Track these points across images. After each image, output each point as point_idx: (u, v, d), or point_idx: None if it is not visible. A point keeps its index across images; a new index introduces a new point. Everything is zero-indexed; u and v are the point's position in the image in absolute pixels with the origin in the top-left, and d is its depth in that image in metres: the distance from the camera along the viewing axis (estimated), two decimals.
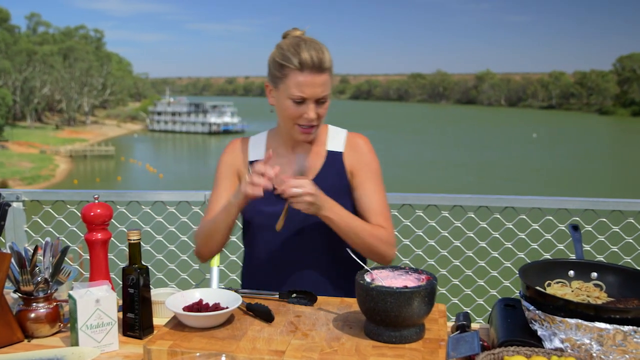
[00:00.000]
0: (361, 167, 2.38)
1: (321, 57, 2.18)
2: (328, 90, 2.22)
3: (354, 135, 2.44)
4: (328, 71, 2.21)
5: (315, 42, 2.23)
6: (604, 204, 3.33)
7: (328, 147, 2.40)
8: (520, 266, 2.01)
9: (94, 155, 64.97)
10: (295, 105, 2.21)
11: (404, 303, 1.76)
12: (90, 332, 1.89)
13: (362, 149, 2.40)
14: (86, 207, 2.18)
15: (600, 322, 1.68)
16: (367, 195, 2.37)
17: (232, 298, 2.02)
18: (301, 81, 2.18)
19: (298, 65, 2.17)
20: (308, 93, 2.18)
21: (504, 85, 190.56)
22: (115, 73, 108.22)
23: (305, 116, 2.21)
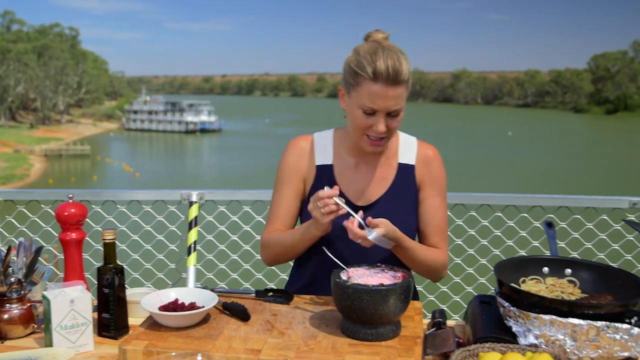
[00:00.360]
0: (430, 182, 2.31)
1: (398, 69, 2.04)
2: (402, 103, 2.09)
3: (424, 146, 2.35)
4: (404, 84, 2.08)
5: (394, 50, 2.09)
6: (578, 201, 3.37)
7: (400, 159, 2.31)
8: (496, 263, 2.02)
9: (69, 155, 64.31)
10: (366, 115, 2.10)
11: (380, 301, 1.76)
12: (64, 333, 1.87)
13: (433, 162, 2.32)
14: (60, 207, 2.16)
15: (574, 318, 1.70)
16: (430, 212, 2.32)
17: (208, 297, 2.01)
18: (374, 92, 2.05)
19: (372, 76, 2.05)
20: (380, 105, 2.06)
21: (480, 84, 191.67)
22: (90, 71, 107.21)
23: (374, 128, 2.10)
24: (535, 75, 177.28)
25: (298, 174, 2.33)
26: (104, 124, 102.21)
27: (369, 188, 2.27)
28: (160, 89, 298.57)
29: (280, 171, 2.36)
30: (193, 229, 3.33)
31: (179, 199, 3.43)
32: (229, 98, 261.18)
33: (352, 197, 2.27)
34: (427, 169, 2.32)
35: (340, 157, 2.31)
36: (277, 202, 2.35)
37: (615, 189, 36.91)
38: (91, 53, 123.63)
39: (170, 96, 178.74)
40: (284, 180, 2.34)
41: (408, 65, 2.09)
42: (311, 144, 2.35)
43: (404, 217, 2.26)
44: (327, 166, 2.30)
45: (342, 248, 2.20)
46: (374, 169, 2.29)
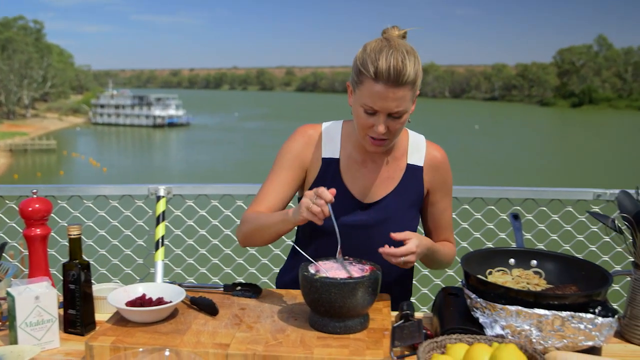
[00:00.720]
0: (440, 186, 2.31)
1: (400, 70, 1.95)
2: (405, 105, 2.02)
3: (433, 147, 2.31)
4: (408, 85, 1.99)
5: (401, 50, 1.99)
6: (543, 193, 3.41)
7: (409, 159, 2.27)
8: (463, 255, 2.04)
9: (34, 149, 63.40)
10: (367, 115, 2.05)
11: (348, 294, 1.77)
12: (29, 330, 1.85)
13: (442, 166, 2.30)
14: (24, 202, 2.13)
15: (539, 308, 1.72)
16: (440, 213, 2.35)
17: (175, 292, 2.00)
18: (375, 92, 1.99)
19: (373, 75, 1.98)
20: (380, 106, 2.00)
21: (448, 77, 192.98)
22: (56, 65, 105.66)
23: (374, 128, 2.05)
24: (502, 69, 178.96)
25: (300, 162, 2.26)
26: (70, 119, 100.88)
27: (375, 186, 2.24)
28: (127, 83, 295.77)
29: (282, 155, 2.28)
30: (161, 223, 3.30)
31: (147, 193, 3.40)
32: (197, 92, 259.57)
33: (356, 194, 2.23)
34: (437, 172, 2.30)
35: (348, 152, 2.26)
36: (270, 183, 2.27)
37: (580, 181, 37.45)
38: (56, 46, 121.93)
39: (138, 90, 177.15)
40: (283, 164, 2.26)
41: (415, 65, 2.00)
42: (319, 134, 2.28)
43: (407, 217, 2.26)
44: (334, 160, 2.25)
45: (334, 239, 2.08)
46: (381, 167, 2.25)
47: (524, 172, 44.14)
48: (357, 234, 2.19)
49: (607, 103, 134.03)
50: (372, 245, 2.12)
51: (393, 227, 2.16)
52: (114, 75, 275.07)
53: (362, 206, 2.23)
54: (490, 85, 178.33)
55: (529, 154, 55.95)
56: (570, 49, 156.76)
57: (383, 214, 2.22)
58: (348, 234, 2.13)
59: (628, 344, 1.97)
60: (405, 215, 2.26)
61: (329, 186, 2.14)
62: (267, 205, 2.24)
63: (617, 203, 2.03)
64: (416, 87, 2.05)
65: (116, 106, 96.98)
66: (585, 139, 69.54)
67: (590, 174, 42.34)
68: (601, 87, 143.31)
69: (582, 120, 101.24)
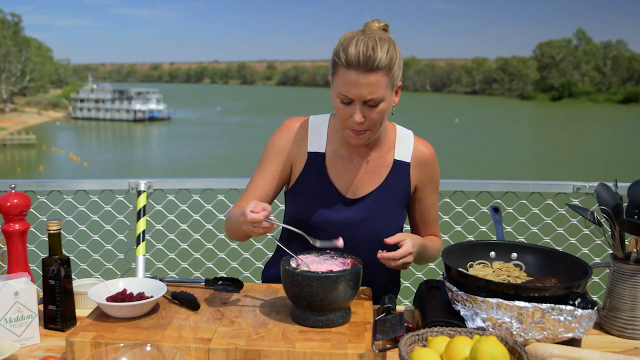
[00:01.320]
0: (428, 183, 2.29)
1: (370, 55, 1.93)
2: (379, 93, 1.98)
3: (421, 143, 2.28)
4: (381, 71, 1.96)
5: (374, 37, 1.98)
6: (523, 186, 3.42)
7: (396, 155, 2.24)
8: (444, 248, 2.05)
9: (13, 144, 62.81)
10: (344, 105, 2.03)
11: (329, 287, 1.77)
12: (9, 326, 1.84)
13: (429, 162, 2.27)
14: (2, 197, 2.12)
15: (519, 301, 1.73)
16: (428, 209, 2.34)
17: (157, 287, 1.99)
18: (347, 80, 1.98)
19: (345, 63, 1.98)
20: (353, 93, 1.98)
21: (429, 71, 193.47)
22: (34, 59, 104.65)
23: (352, 119, 2.02)
24: (483, 63, 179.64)
25: (285, 155, 2.24)
26: (49, 113, 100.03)
27: (361, 182, 2.22)
28: (107, 77, 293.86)
29: (268, 149, 2.26)
30: (142, 218, 3.28)
31: (127, 188, 3.38)
32: (178, 86, 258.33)
33: (341, 189, 2.21)
34: (425, 169, 2.27)
35: (333, 146, 2.23)
36: (256, 178, 2.26)
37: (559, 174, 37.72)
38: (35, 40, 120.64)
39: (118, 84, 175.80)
40: (269, 158, 2.25)
41: (390, 52, 1.98)
42: (306, 128, 2.25)
43: (392, 213, 2.24)
44: (319, 154, 2.22)
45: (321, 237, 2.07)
46: (368, 162, 2.22)
47: (504, 165, 44.39)
48: (342, 230, 2.12)
49: (587, 97, 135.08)
50: (358, 243, 2.13)
51: (379, 224, 2.18)
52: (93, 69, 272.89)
53: (347, 202, 2.20)
54: (471, 79, 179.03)
55: (510, 147, 56.26)
56: (550, 43, 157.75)
57: (369, 211, 2.20)
58: (332, 231, 2.11)
59: (607, 335, 1.99)
60: (391, 211, 2.23)
61: (314, 181, 2.17)
62: (249, 199, 2.20)
63: (596, 196, 2.05)
64: (393, 76, 2.02)
65: (96, 100, 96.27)
66: (565, 132, 70.07)
67: (570, 167, 42.67)
68: (580, 81, 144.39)
69: (561, 113, 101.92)
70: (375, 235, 2.13)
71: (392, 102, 2.08)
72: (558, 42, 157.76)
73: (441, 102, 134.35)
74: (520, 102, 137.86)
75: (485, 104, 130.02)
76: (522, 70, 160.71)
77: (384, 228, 2.16)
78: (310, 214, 2.19)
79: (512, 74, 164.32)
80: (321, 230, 2.16)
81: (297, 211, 2.23)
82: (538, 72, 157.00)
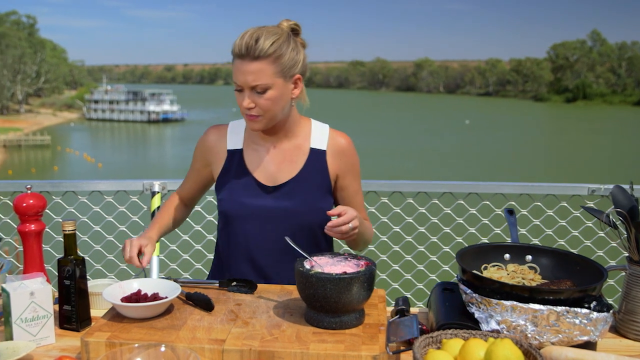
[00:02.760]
0: (348, 170, 2.38)
1: (252, 44, 2.09)
2: (264, 80, 2.12)
3: (336, 133, 2.39)
4: (265, 59, 2.10)
5: (264, 30, 2.14)
6: (538, 188, 3.41)
7: (311, 144, 2.35)
8: (458, 250, 2.04)
9: (29, 145, 63.22)
10: (238, 93, 2.18)
11: (343, 289, 1.77)
12: (25, 326, 1.85)
13: (346, 151, 2.37)
14: (18, 198, 2.13)
15: (534, 303, 1.72)
16: (352, 196, 2.42)
17: (171, 288, 2.00)
18: (235, 68, 2.15)
19: (233, 52, 2.15)
20: (240, 80, 2.13)
21: (443, 73, 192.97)
22: (49, 60, 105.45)
23: (242, 104, 2.18)
24: (496, 64, 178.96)
25: (203, 160, 2.44)
26: (64, 114, 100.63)
27: (279, 170, 2.33)
28: (121, 78, 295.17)
29: (193, 154, 2.49)
30: None
31: (141, 189, 3.40)
32: (192, 87, 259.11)
33: (261, 179, 2.32)
34: (343, 157, 2.37)
35: (252, 142, 2.38)
36: (185, 179, 2.56)
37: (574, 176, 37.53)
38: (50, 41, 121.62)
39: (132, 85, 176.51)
40: (192, 163, 2.50)
41: (276, 43, 2.12)
42: (224, 131, 2.43)
43: (314, 199, 2.31)
44: (238, 150, 2.37)
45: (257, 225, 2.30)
46: (284, 152, 2.35)
47: (518, 167, 44.21)
48: (270, 218, 2.28)
49: (601, 98, 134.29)
50: (291, 232, 2.21)
51: (304, 210, 2.28)
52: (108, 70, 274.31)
53: (268, 190, 2.31)
54: (485, 80, 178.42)
55: (524, 149, 56.03)
56: (564, 44, 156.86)
57: (290, 197, 2.29)
58: (261, 219, 2.28)
59: (623, 339, 1.98)
60: (313, 197, 2.31)
61: (235, 174, 2.34)
62: (183, 194, 2.57)
63: (612, 198, 2.04)
64: (283, 66, 2.15)
65: (110, 101, 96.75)
66: (580, 134, 69.68)
67: (585, 169, 42.46)
68: (595, 83, 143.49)
69: (576, 115, 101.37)
70: (304, 222, 2.26)
71: (289, 92, 2.22)
72: (572, 43, 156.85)
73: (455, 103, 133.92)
74: (534, 104, 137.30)
75: (498, 105, 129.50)
76: (536, 71, 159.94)
77: (310, 214, 2.27)
78: (235, 205, 2.31)
79: (526, 75, 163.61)
80: (250, 219, 2.29)
81: (224, 204, 2.35)
82: (552, 74, 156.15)
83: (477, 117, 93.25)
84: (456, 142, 58.80)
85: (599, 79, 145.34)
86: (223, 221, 2.38)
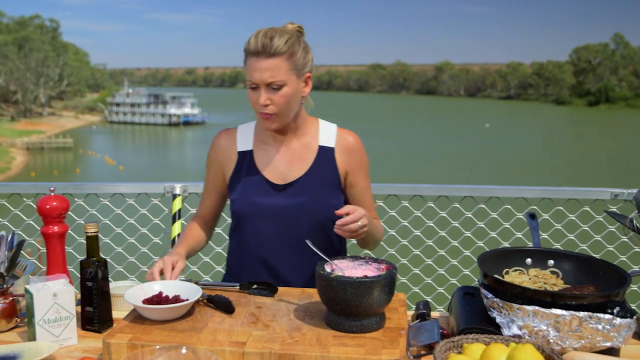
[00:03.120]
0: (356, 168, 2.42)
1: (267, 42, 2.15)
2: (280, 76, 2.18)
3: (344, 132, 2.44)
4: (280, 56, 2.17)
5: (277, 29, 2.21)
6: (560, 192, 3.39)
7: (320, 141, 2.40)
8: (479, 255, 2.03)
9: (51, 148, 63.79)
10: (252, 91, 2.23)
11: (364, 293, 1.77)
12: (48, 327, 1.86)
13: (354, 148, 2.42)
14: (42, 200, 2.14)
15: (556, 308, 1.71)
16: (362, 193, 2.45)
17: (192, 290, 2.00)
18: (250, 66, 2.20)
19: (247, 51, 2.20)
20: (256, 78, 2.18)
21: (463, 76, 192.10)
22: (72, 64, 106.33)
23: (258, 103, 2.22)
24: (518, 68, 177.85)
25: (217, 165, 2.48)
26: (86, 117, 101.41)
27: (288, 169, 2.36)
28: (142, 82, 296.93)
29: (206, 164, 2.53)
30: (177, 221, 3.32)
31: (163, 191, 3.41)
32: (212, 90, 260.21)
33: (271, 178, 2.36)
34: (352, 154, 2.41)
35: (261, 143, 2.42)
36: (203, 193, 2.58)
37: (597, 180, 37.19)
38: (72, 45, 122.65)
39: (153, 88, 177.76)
40: (207, 173, 2.53)
41: (289, 41, 2.19)
42: (234, 134, 2.47)
43: (324, 196, 2.34)
44: (248, 151, 2.42)
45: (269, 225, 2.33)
46: (294, 151, 2.39)
47: (540, 171, 43.90)
48: (281, 216, 2.32)
49: (624, 102, 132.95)
50: (301, 230, 2.29)
51: (314, 207, 2.30)
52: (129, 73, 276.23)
53: (279, 188, 2.34)
54: (506, 83, 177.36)
55: (546, 152, 55.63)
56: (587, 47, 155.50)
57: (300, 194, 2.32)
58: (272, 218, 2.32)
59: None
60: (323, 193, 2.34)
61: (246, 174, 2.37)
62: (204, 212, 2.57)
63: (635, 202, 2.02)
64: (296, 63, 2.21)
65: (132, 104, 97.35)
66: (603, 138, 69.02)
67: (608, 173, 42.06)
68: (618, 86, 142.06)
69: (598, 119, 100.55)
70: (316, 219, 2.29)
71: (301, 90, 2.28)
72: (595, 46, 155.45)
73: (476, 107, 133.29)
74: (556, 107, 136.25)
75: (520, 109, 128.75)
76: (558, 75, 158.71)
77: (321, 211, 2.30)
78: (247, 204, 2.35)
79: (548, 78, 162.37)
80: (261, 217, 2.32)
81: (235, 204, 2.39)
82: (574, 77, 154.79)
83: (498, 120, 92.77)
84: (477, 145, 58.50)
85: (622, 82, 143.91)
86: (235, 221, 2.42)
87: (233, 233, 2.47)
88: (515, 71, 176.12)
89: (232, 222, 2.45)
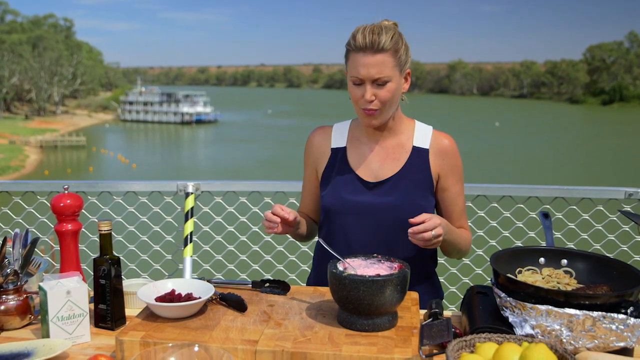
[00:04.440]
0: (450, 171, 2.38)
1: (375, 38, 2.15)
2: (387, 72, 2.17)
3: (440, 134, 2.41)
4: (387, 52, 2.17)
5: (380, 25, 2.21)
6: (574, 191, 3.37)
7: (414, 142, 2.38)
8: (492, 254, 2.02)
9: (64, 146, 64.11)
10: (355, 87, 2.22)
11: (376, 291, 1.76)
12: (61, 324, 1.87)
13: (449, 151, 2.38)
14: (56, 198, 2.15)
15: (570, 308, 1.70)
16: (453, 198, 2.41)
17: (204, 288, 2.01)
18: (356, 61, 2.18)
19: (353, 47, 2.19)
20: (362, 73, 2.17)
21: (476, 75, 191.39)
22: (85, 62, 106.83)
23: (362, 99, 2.20)
24: (531, 66, 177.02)
25: (312, 160, 2.49)
26: (99, 115, 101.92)
27: (381, 167, 2.35)
28: (155, 80, 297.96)
29: (304, 159, 2.53)
30: (189, 220, 3.32)
31: (175, 190, 3.42)
32: (225, 89, 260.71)
33: (363, 176, 2.35)
34: (446, 157, 2.38)
35: (355, 140, 2.42)
36: (303, 185, 2.57)
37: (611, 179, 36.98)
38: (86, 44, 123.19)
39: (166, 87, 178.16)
40: (305, 167, 2.53)
41: (394, 37, 2.18)
42: (329, 131, 2.48)
43: (416, 197, 2.31)
44: (341, 148, 2.42)
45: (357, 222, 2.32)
46: (387, 150, 2.37)
47: (553, 170, 43.70)
48: (368, 213, 2.30)
49: (639, 101, 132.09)
50: (387, 229, 2.27)
51: (403, 207, 2.27)
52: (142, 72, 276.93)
53: (370, 186, 2.33)
54: (519, 82, 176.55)
55: (559, 151, 55.39)
56: (601, 46, 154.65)
57: (390, 193, 2.30)
58: (360, 215, 2.31)
59: None
60: (413, 194, 2.31)
61: (338, 170, 2.36)
62: (304, 204, 2.58)
63: None
64: (400, 59, 2.21)
65: (144, 103, 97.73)
66: (617, 136, 68.62)
67: (622, 172, 41.82)
68: (632, 85, 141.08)
69: (612, 118, 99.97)
70: (403, 218, 2.18)
71: (402, 86, 2.28)
72: (609, 45, 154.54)
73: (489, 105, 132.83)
74: (569, 106, 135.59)
75: (533, 107, 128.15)
76: (572, 73, 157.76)
77: (410, 211, 2.22)
78: (336, 200, 2.34)
79: (561, 77, 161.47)
80: (349, 214, 2.32)
81: (325, 199, 2.39)
82: (588, 76, 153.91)
83: (511, 119, 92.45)
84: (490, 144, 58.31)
85: (637, 80, 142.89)
86: (324, 216, 2.43)
87: (321, 227, 2.48)
88: (528, 70, 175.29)
89: (321, 216, 2.46)
